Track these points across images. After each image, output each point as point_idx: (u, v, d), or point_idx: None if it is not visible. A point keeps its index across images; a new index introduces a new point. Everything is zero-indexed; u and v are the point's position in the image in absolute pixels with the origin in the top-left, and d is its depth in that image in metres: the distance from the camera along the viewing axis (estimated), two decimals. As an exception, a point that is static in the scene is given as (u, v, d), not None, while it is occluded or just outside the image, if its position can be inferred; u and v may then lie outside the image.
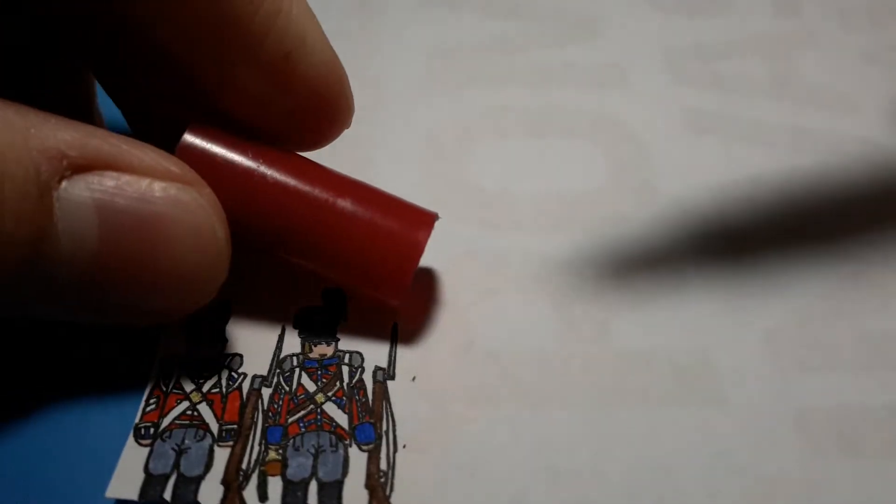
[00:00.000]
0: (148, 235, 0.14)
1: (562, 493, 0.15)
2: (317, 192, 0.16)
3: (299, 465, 0.16)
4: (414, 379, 0.16)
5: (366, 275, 0.16)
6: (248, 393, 0.17)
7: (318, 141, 0.18)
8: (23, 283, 0.13)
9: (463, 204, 0.20)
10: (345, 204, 0.16)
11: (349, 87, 0.17)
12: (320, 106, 0.17)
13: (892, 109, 0.22)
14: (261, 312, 0.18)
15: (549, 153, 0.21)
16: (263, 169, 0.16)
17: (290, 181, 0.16)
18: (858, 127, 0.22)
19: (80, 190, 0.13)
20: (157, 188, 0.14)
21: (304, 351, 0.17)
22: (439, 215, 0.17)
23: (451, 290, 0.18)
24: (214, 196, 0.15)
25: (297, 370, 0.17)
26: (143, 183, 0.14)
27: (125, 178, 0.14)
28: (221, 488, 0.15)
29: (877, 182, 0.20)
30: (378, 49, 0.24)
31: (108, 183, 0.13)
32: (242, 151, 0.16)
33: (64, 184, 0.13)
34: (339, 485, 0.15)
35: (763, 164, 0.21)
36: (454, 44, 0.24)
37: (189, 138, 0.16)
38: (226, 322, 0.18)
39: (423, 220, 0.17)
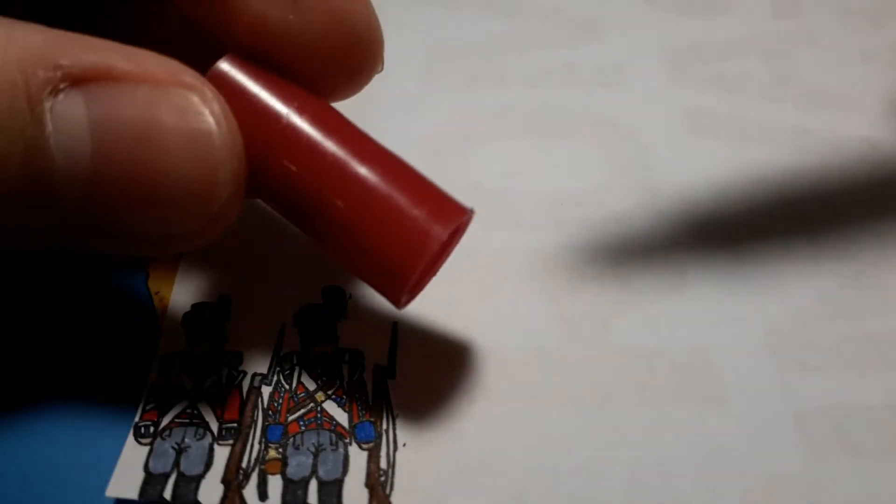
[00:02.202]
0: (141, 147, 0.13)
1: (561, 491, 0.15)
2: (339, 154, 0.14)
3: (299, 464, 0.15)
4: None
5: (368, 261, 0.14)
6: (248, 391, 0.17)
7: (350, 81, 0.16)
8: (28, 202, 0.13)
9: (464, 204, 0.20)
10: (365, 174, 0.14)
11: (374, 13, 0.16)
12: (345, 33, 0.15)
13: (891, 109, 0.22)
14: (261, 310, 0.18)
15: (549, 153, 0.21)
16: (292, 115, 0.14)
17: (316, 135, 0.14)
18: (858, 127, 0.22)
19: (74, 102, 0.13)
20: (152, 94, 0.13)
21: (304, 349, 0.17)
22: (473, 211, 0.15)
23: (452, 288, 0.18)
24: (222, 101, 0.14)
25: (297, 368, 0.17)
26: (139, 91, 0.13)
27: (122, 87, 0.13)
28: (221, 487, 0.15)
29: (877, 182, 0.20)
30: (378, 48, 0.24)
31: (102, 94, 0.13)
32: (275, 90, 0.15)
33: (60, 96, 0.13)
34: (339, 483, 0.15)
35: (763, 163, 0.21)
36: (454, 43, 0.24)
37: (222, 66, 0.14)
38: (226, 320, 0.18)
39: (450, 213, 0.14)
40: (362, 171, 0.14)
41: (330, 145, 0.14)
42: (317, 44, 0.15)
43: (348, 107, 0.22)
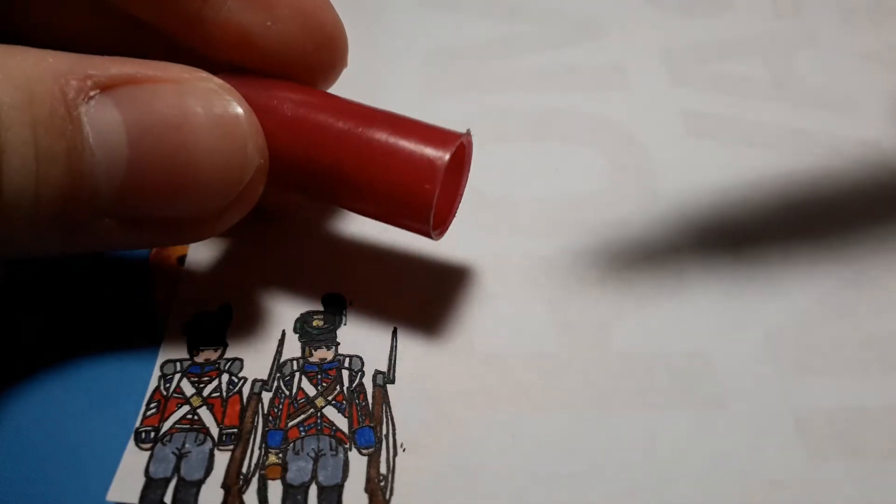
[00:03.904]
0: (175, 134, 0.15)
1: (561, 496, 0.15)
2: (340, 123, 0.16)
3: (299, 469, 0.16)
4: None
5: (392, 202, 0.16)
6: (249, 397, 0.17)
7: (321, 78, 0.18)
8: (71, 199, 0.14)
9: (463, 207, 0.20)
10: (369, 133, 0.16)
11: (336, 13, 0.17)
12: (316, 35, 0.17)
13: (892, 110, 0.22)
14: (261, 317, 0.18)
15: (549, 156, 0.21)
16: (289, 103, 0.16)
17: (316, 114, 0.16)
18: (859, 128, 0.22)
19: (106, 105, 0.14)
20: (178, 88, 0.15)
21: (305, 355, 0.17)
22: (470, 132, 0.17)
23: (451, 293, 0.18)
24: (236, 92, 0.15)
25: (298, 374, 0.17)
26: (166, 88, 0.15)
27: (148, 87, 0.15)
28: (222, 492, 0.15)
29: (877, 183, 0.20)
30: (377, 52, 0.24)
31: (131, 95, 0.14)
32: (269, 88, 0.16)
33: (92, 102, 0.14)
34: (338, 489, 0.15)
35: (763, 165, 0.21)
36: (453, 46, 0.24)
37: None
38: (227, 326, 0.18)
39: (448, 138, 0.16)
40: (364, 130, 0.16)
41: (331, 118, 0.16)
42: (292, 46, 0.17)
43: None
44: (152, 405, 0.16)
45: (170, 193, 0.15)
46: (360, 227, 0.20)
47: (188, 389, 0.17)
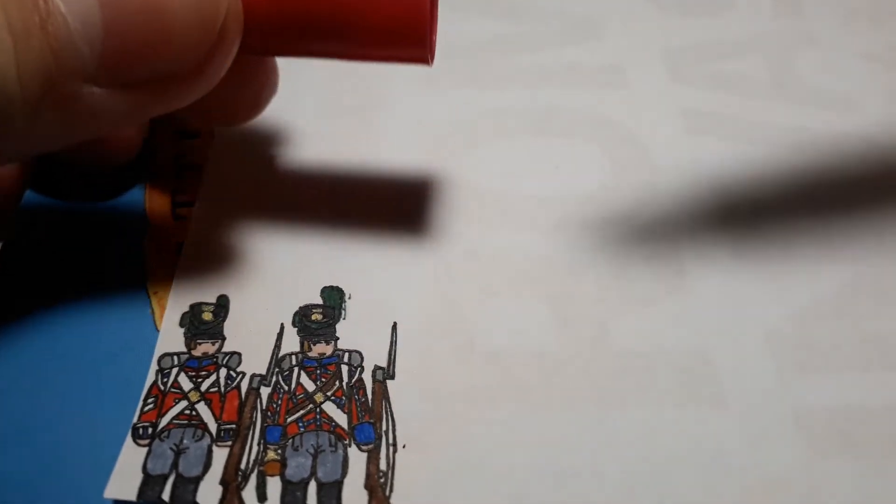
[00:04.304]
0: None
1: (561, 493, 0.15)
2: None
3: (298, 465, 0.15)
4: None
5: (385, 35, 0.16)
6: (247, 392, 0.16)
7: None
8: (57, 71, 0.14)
9: (463, 204, 0.20)
10: None
11: None
12: None
13: (892, 109, 0.22)
14: (259, 311, 0.18)
15: (549, 154, 0.21)
16: None
17: None
18: (858, 127, 0.22)
19: None
20: None
21: (303, 350, 0.17)
22: None
23: (452, 290, 0.18)
24: None
25: (296, 369, 0.17)
26: None
27: None
28: (220, 488, 0.15)
29: (877, 183, 0.20)
30: (377, 47, 0.24)
31: None
32: None
33: None
34: (338, 485, 0.15)
35: (763, 164, 0.21)
36: (454, 44, 0.24)
37: None
38: (224, 320, 0.18)
39: None
40: None
41: None
42: None
43: (350, 108, 0.22)
44: (150, 400, 0.16)
45: (150, 47, 0.15)
46: (360, 220, 0.19)
47: (186, 384, 0.17)
